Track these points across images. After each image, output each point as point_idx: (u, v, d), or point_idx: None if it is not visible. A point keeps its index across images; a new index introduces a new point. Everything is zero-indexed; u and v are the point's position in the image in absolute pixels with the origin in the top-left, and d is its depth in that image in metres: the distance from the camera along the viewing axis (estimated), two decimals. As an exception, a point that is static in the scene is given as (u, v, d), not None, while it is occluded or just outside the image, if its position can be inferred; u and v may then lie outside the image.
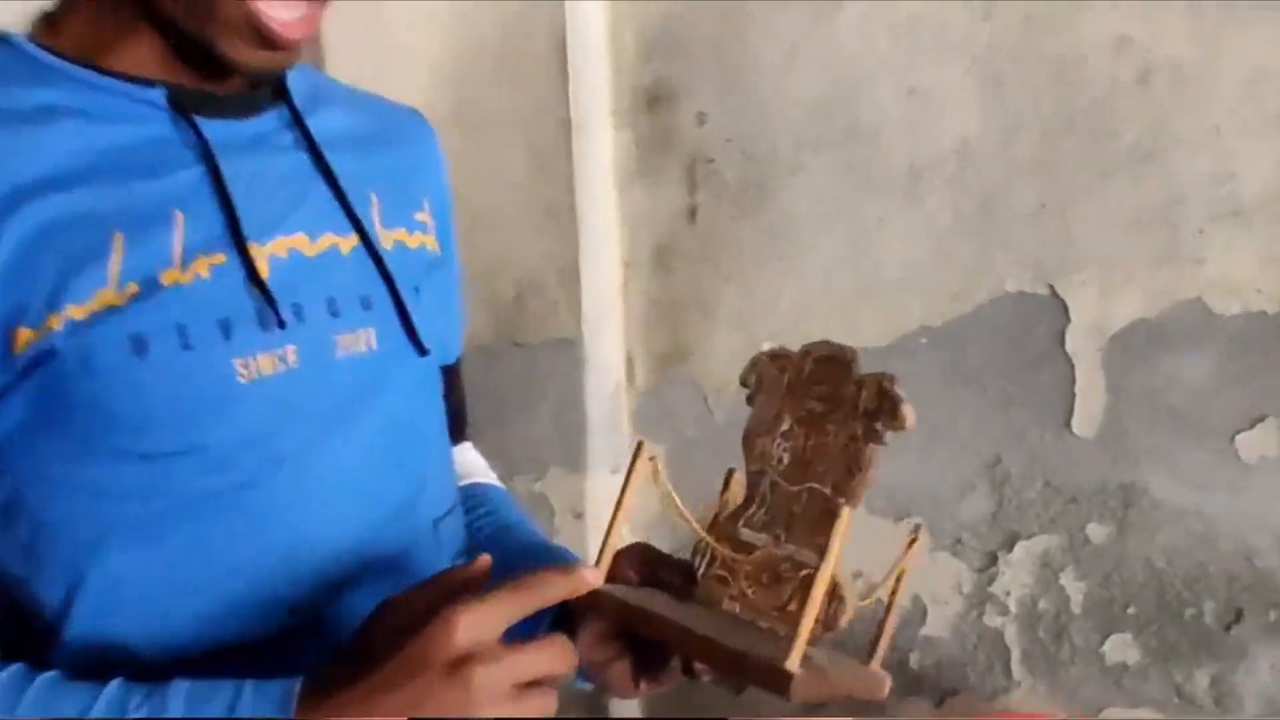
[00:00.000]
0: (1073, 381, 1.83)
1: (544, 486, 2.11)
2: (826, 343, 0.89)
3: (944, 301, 1.87)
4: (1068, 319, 1.82)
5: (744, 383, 0.92)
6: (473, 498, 1.18)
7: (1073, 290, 1.81)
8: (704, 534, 0.90)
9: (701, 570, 0.90)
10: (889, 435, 0.85)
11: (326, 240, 0.94)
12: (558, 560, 1.01)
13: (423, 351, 0.98)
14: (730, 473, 0.93)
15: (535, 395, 2.09)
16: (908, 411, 0.85)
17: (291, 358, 0.89)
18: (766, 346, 0.96)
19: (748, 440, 0.90)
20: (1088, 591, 1.87)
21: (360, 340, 0.94)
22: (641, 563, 0.94)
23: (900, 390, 0.86)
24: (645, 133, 2.04)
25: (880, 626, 0.91)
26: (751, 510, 0.89)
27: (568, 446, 2.08)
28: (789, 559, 0.86)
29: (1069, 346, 1.82)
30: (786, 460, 0.87)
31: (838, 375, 0.87)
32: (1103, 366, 1.81)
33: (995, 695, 1.93)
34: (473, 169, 1.95)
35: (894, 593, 0.90)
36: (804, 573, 0.84)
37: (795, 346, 0.92)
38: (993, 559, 1.91)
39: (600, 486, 2.10)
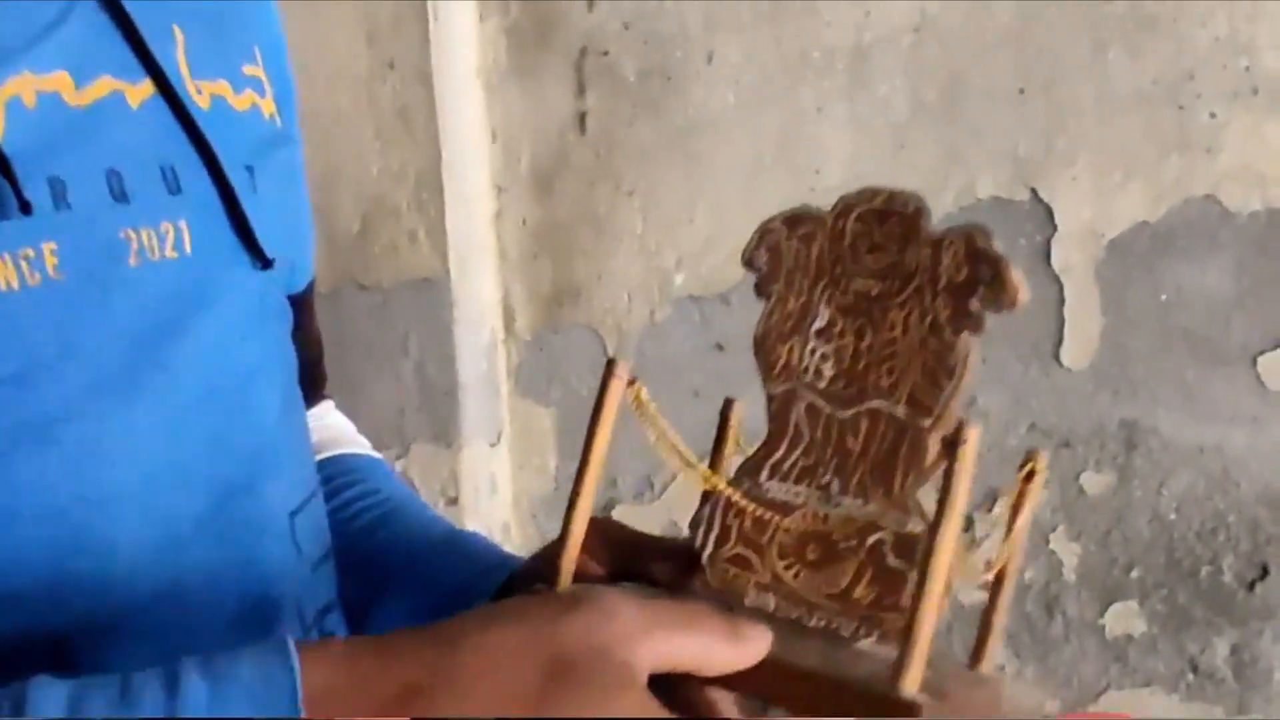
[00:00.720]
0: (1061, 303, 1.53)
1: (407, 465, 1.71)
2: (874, 190, 0.63)
3: (901, 211, 1.54)
4: (1054, 227, 1.52)
5: (749, 263, 0.67)
6: (344, 474, 0.92)
7: (1060, 192, 1.51)
8: (724, 485, 0.64)
9: (708, 551, 0.65)
10: (991, 318, 0.59)
11: (104, 85, 0.68)
12: (484, 560, 0.81)
13: (264, 261, 0.74)
14: (728, 404, 0.69)
15: (390, 352, 1.70)
16: (1017, 279, 0.59)
17: (50, 263, 0.63)
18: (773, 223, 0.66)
19: (763, 347, 0.65)
20: (1083, 554, 1.57)
21: (163, 239, 0.68)
22: (609, 546, 0.69)
23: (1000, 249, 0.59)
24: (519, 21, 1.67)
25: (990, 607, 0.65)
26: (779, 453, 0.64)
27: (435, 415, 1.70)
28: (848, 520, 0.61)
29: (1056, 261, 1.52)
30: (829, 372, 0.63)
31: (899, 237, 0.62)
32: (1097, 283, 1.52)
33: (975, 685, 1.62)
34: (302, 59, 1.53)
35: (1007, 556, 0.64)
36: (874, 538, 0.60)
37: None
38: (968, 520, 1.60)
39: (478, 463, 1.71)
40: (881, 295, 0.62)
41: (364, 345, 1.68)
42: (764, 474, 0.64)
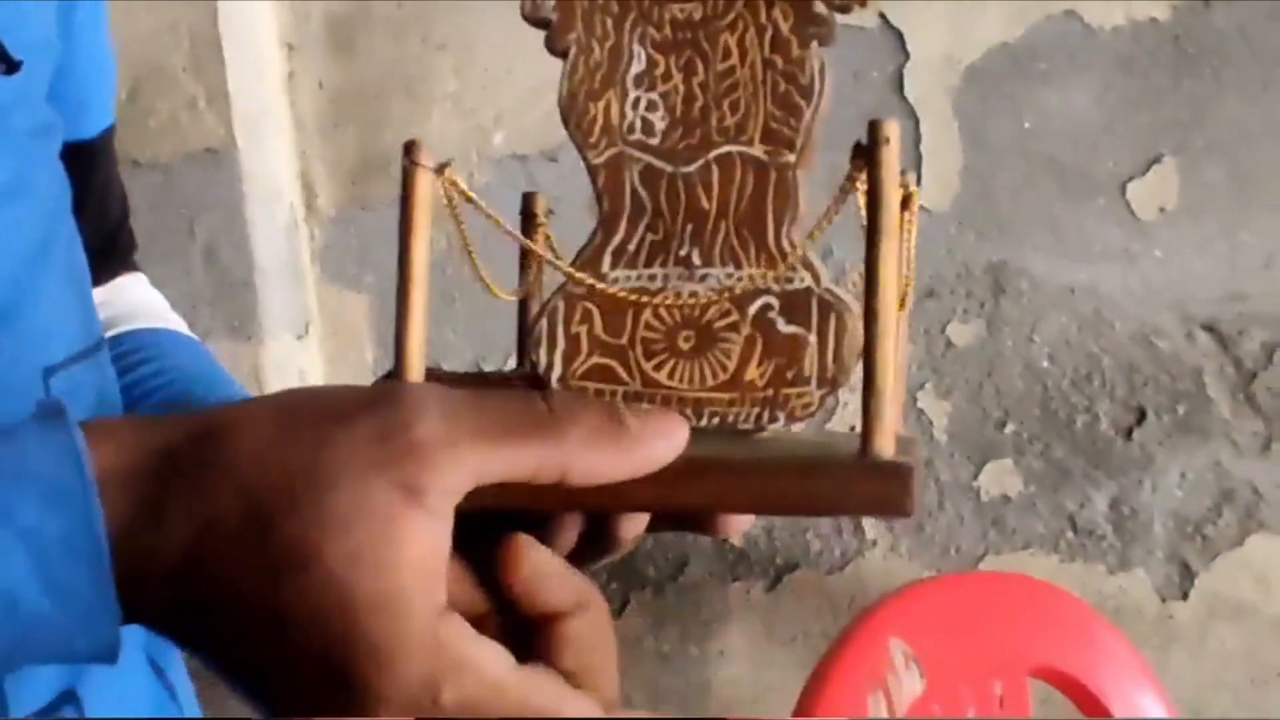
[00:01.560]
0: (917, 140, 1.41)
1: (202, 365, 1.50)
2: None
3: (741, 47, 1.39)
4: (905, 55, 1.39)
5: (532, 15, 0.56)
6: (137, 350, 0.82)
7: (910, 15, 1.38)
8: (577, 274, 0.53)
9: (557, 371, 0.54)
10: (835, 18, 0.51)
11: None
12: None
13: (8, 64, 0.64)
14: (529, 198, 0.61)
15: (174, 236, 1.49)
16: None
17: None
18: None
19: (573, 112, 0.54)
20: (953, 411, 1.46)
21: None
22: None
23: None
24: None
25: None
26: (620, 234, 0.54)
27: (230, 305, 1.50)
28: (722, 292, 0.53)
29: (910, 92, 1.40)
30: (660, 123, 0.53)
31: None
32: (955, 113, 1.40)
33: (846, 563, 1.50)
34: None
35: (906, 277, 0.54)
36: (757, 305, 0.51)
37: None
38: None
39: (284, 358, 1.52)
40: (705, 19, 0.53)
41: (143, 230, 1.47)
42: (605, 263, 0.53)
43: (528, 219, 0.60)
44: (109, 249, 0.83)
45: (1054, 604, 1.35)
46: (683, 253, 0.53)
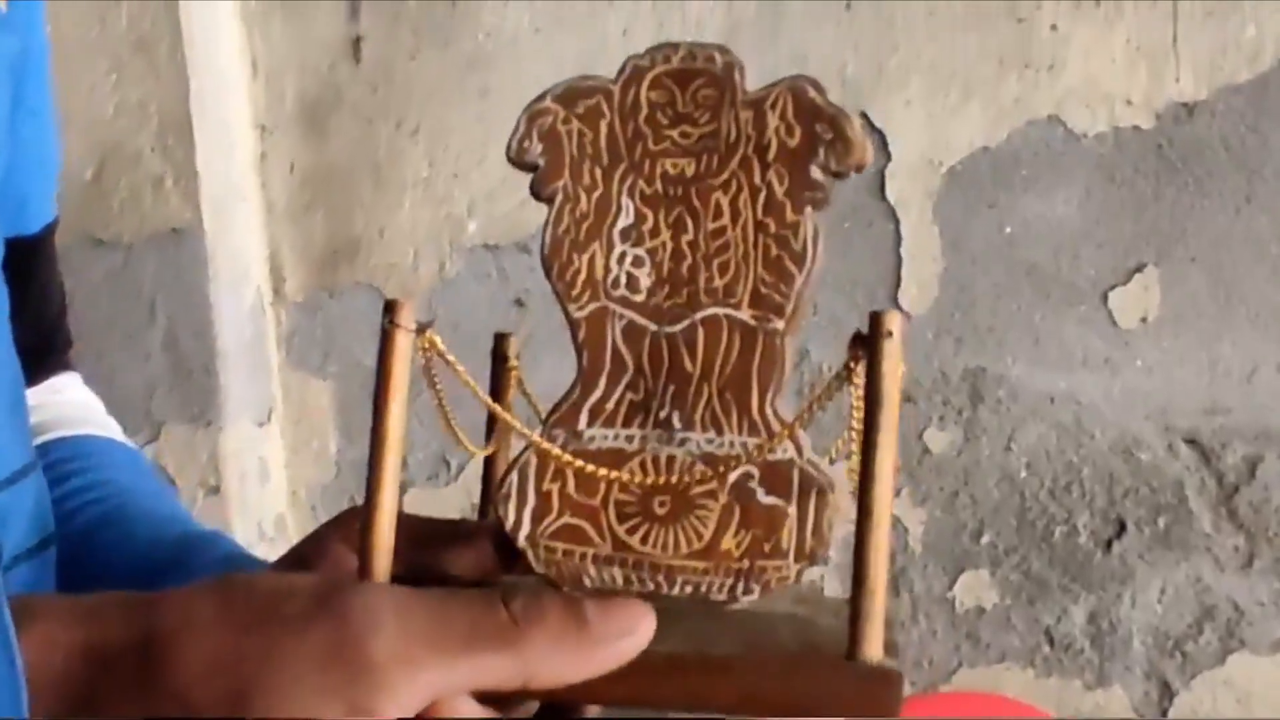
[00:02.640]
0: (898, 241, 1.39)
1: (159, 450, 1.47)
2: (669, 46, 0.53)
3: (720, 143, 1.37)
4: (888, 155, 1.37)
5: (519, 159, 0.53)
6: (69, 460, 0.78)
7: (892, 117, 1.37)
8: (542, 442, 0.51)
9: (525, 530, 0.52)
10: (833, 184, 0.51)
11: None
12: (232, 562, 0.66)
13: None
14: (499, 340, 0.59)
15: (135, 318, 1.46)
16: (860, 134, 0.51)
17: None
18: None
19: (556, 262, 0.53)
20: (929, 520, 1.43)
21: None
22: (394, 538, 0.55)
23: (833, 101, 0.51)
24: (278, -67, 1.46)
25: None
26: (598, 392, 0.53)
27: (191, 391, 1.47)
28: (701, 458, 0.51)
29: (890, 194, 1.38)
30: (646, 280, 0.53)
31: (709, 102, 0.52)
32: (936, 217, 1.38)
33: (817, 672, 1.46)
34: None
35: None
36: (737, 474, 0.49)
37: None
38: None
39: (244, 445, 1.48)
40: (698, 175, 0.52)
41: (102, 311, 1.44)
42: (583, 421, 0.52)
43: (498, 361, 0.58)
44: (45, 348, 0.79)
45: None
46: (663, 414, 0.51)
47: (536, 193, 0.52)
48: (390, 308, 0.50)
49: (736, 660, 0.47)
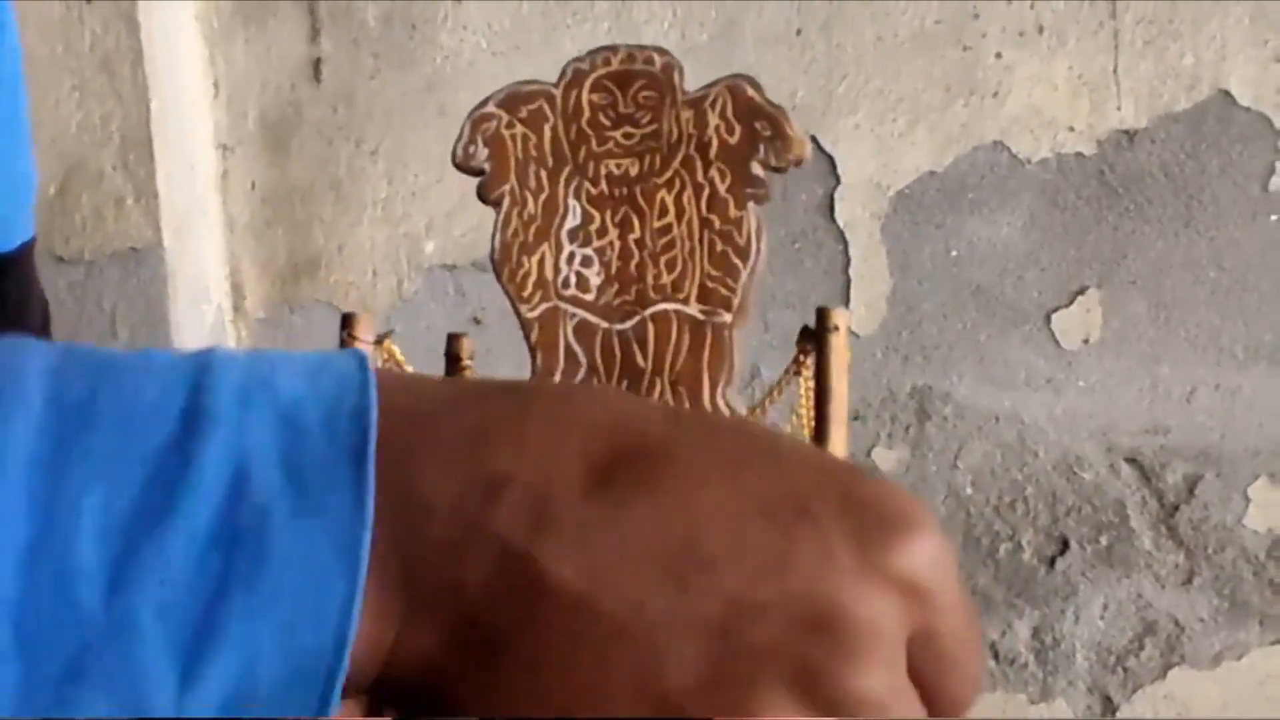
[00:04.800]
0: (846, 262, 1.41)
1: (118, 465, 1.47)
2: (608, 49, 0.55)
3: (674, 166, 1.40)
4: (836, 179, 1.40)
5: (463, 163, 0.57)
6: None
7: (842, 140, 1.39)
8: None
9: None
10: (773, 179, 0.54)
11: None
12: None
13: None
14: (452, 340, 0.62)
15: (97, 334, 1.47)
16: (799, 131, 0.54)
17: None
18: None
19: (506, 264, 0.55)
20: (877, 535, 1.45)
21: None
22: None
23: (771, 97, 0.54)
24: (241, -44, 1.48)
25: None
26: None
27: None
28: None
29: (840, 216, 1.40)
30: (595, 279, 0.54)
31: (650, 103, 0.54)
32: (884, 239, 1.40)
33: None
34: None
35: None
36: None
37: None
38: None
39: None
40: (642, 175, 0.54)
41: (64, 327, 1.45)
42: None
43: (452, 362, 0.60)
44: None
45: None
46: None
47: (483, 197, 0.55)
48: (348, 321, 0.52)
49: None
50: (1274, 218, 1.36)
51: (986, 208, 1.39)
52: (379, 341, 0.53)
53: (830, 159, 1.40)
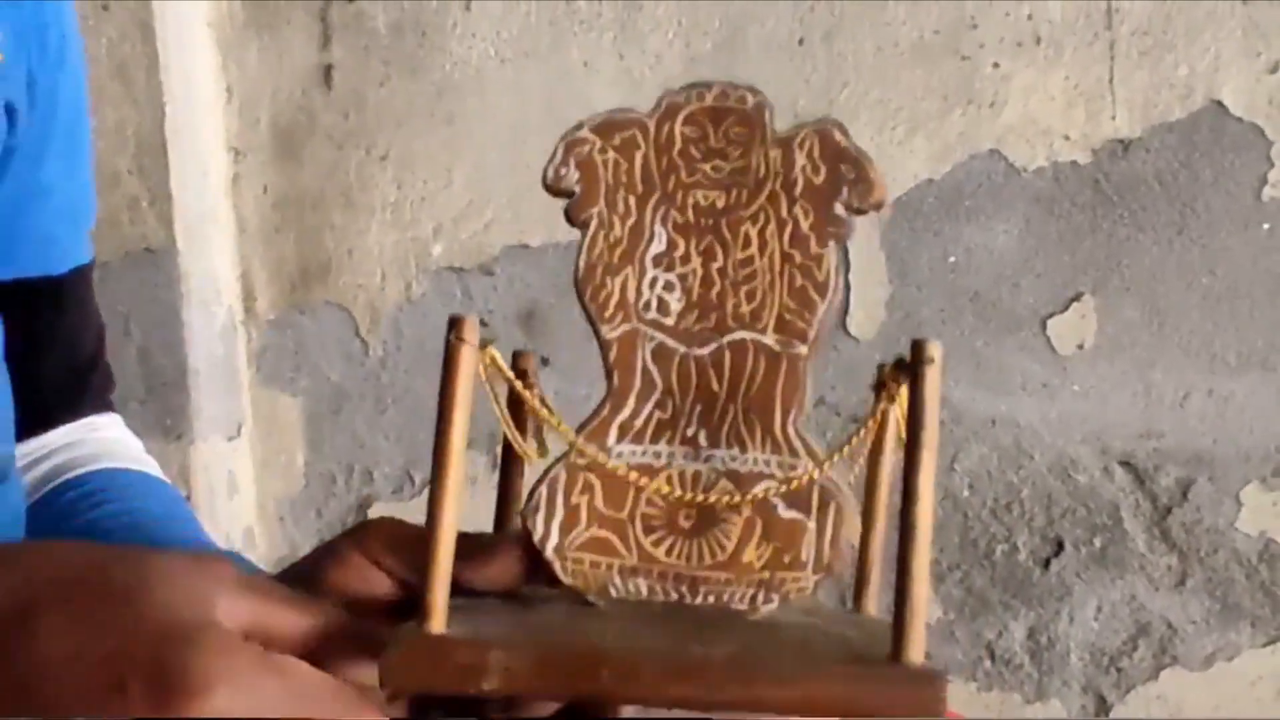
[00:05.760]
0: (847, 268, 1.43)
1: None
2: (702, 85, 0.55)
3: (677, 172, 1.42)
4: (836, 186, 1.42)
5: (555, 185, 0.55)
6: (114, 488, 0.79)
7: (842, 148, 1.41)
8: (583, 450, 0.53)
9: (554, 541, 0.53)
10: (855, 221, 0.53)
11: None
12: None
13: None
14: (518, 356, 0.57)
15: (111, 334, 1.48)
16: (878, 175, 0.54)
17: None
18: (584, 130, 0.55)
19: (589, 286, 0.55)
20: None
21: None
22: (399, 556, 0.55)
23: (857, 142, 0.54)
24: (254, -35, 1.51)
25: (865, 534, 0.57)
26: (627, 410, 0.55)
27: (163, 406, 1.51)
28: (726, 474, 0.53)
29: (839, 222, 1.42)
30: (676, 304, 0.55)
31: (740, 138, 0.54)
32: (883, 245, 1.43)
33: (766, 684, 1.50)
34: None
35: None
36: (758, 489, 0.52)
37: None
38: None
39: (214, 459, 1.52)
40: (728, 207, 0.54)
41: (78, 327, 1.48)
42: (612, 437, 0.54)
43: (519, 377, 0.58)
44: (79, 386, 0.81)
45: (967, 734, 1.36)
46: (689, 432, 0.54)
47: (571, 218, 0.55)
48: (455, 323, 0.51)
49: (794, 666, 0.48)
50: (1266, 226, 1.38)
51: (983, 215, 1.41)
52: (484, 346, 0.52)
53: (830, 166, 1.42)
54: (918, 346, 0.50)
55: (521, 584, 0.55)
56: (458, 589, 0.51)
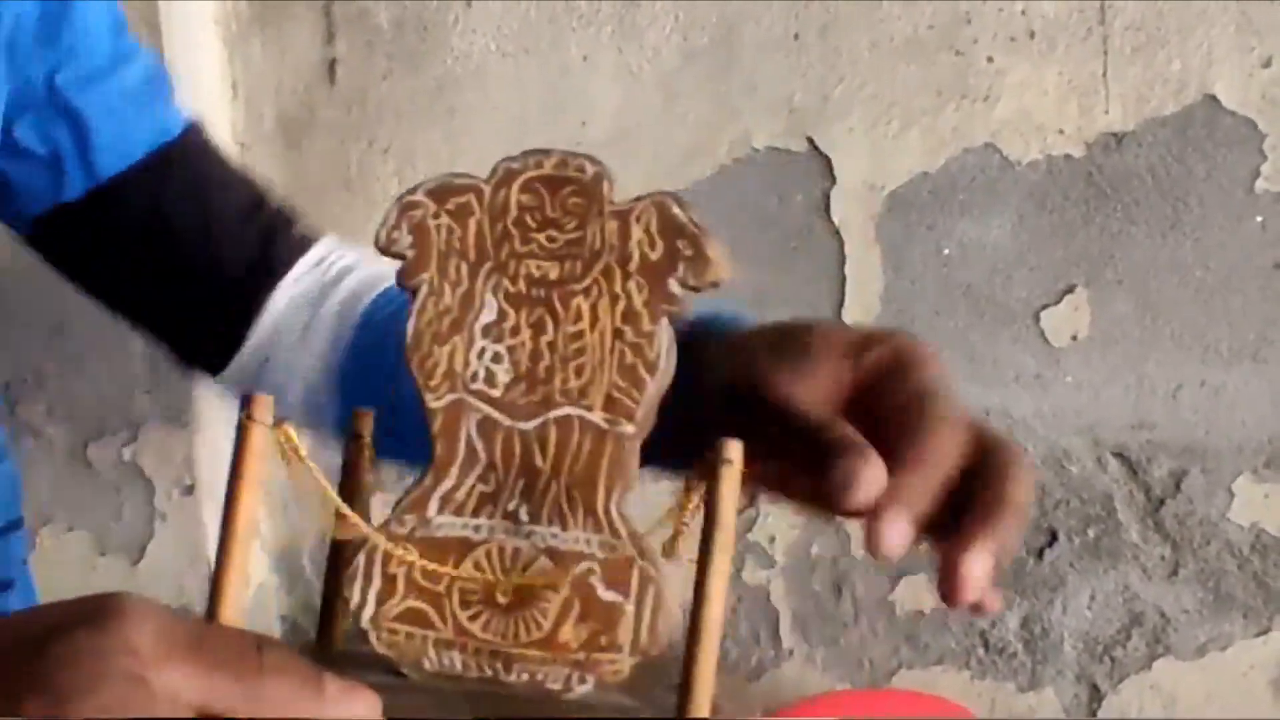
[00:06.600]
0: (842, 261, 1.45)
1: (136, 452, 1.54)
2: (540, 152, 0.55)
3: (672, 164, 1.44)
4: (832, 179, 1.44)
5: (386, 248, 0.55)
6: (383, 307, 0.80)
7: (837, 142, 1.43)
8: (376, 535, 0.53)
9: (370, 611, 0.53)
10: (690, 297, 0.53)
11: None
12: None
13: None
14: (357, 418, 0.59)
15: (113, 322, 1.52)
16: (718, 253, 0.53)
17: None
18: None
19: (417, 352, 0.54)
20: (870, 526, 1.49)
21: None
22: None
23: (696, 216, 0.53)
24: (259, -39, 1.53)
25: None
26: (449, 481, 0.54)
27: (167, 394, 1.53)
28: (544, 551, 0.53)
29: (836, 215, 1.44)
30: (504, 377, 0.54)
31: (577, 209, 0.54)
32: (879, 238, 1.44)
33: (762, 671, 1.52)
34: None
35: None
36: (579, 569, 0.52)
37: None
38: (751, 497, 1.50)
39: (217, 447, 1.55)
40: (561, 280, 0.53)
41: (86, 318, 1.50)
42: (432, 508, 0.53)
43: (354, 441, 0.58)
44: (269, 226, 0.85)
45: (958, 721, 1.37)
46: (511, 507, 0.53)
47: (401, 283, 0.54)
48: (246, 402, 0.50)
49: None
50: (1259, 219, 1.39)
51: (977, 208, 1.42)
52: (278, 424, 0.51)
53: (826, 160, 1.44)
54: (718, 446, 0.49)
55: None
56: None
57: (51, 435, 1.55)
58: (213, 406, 1.53)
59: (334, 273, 0.85)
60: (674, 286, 0.52)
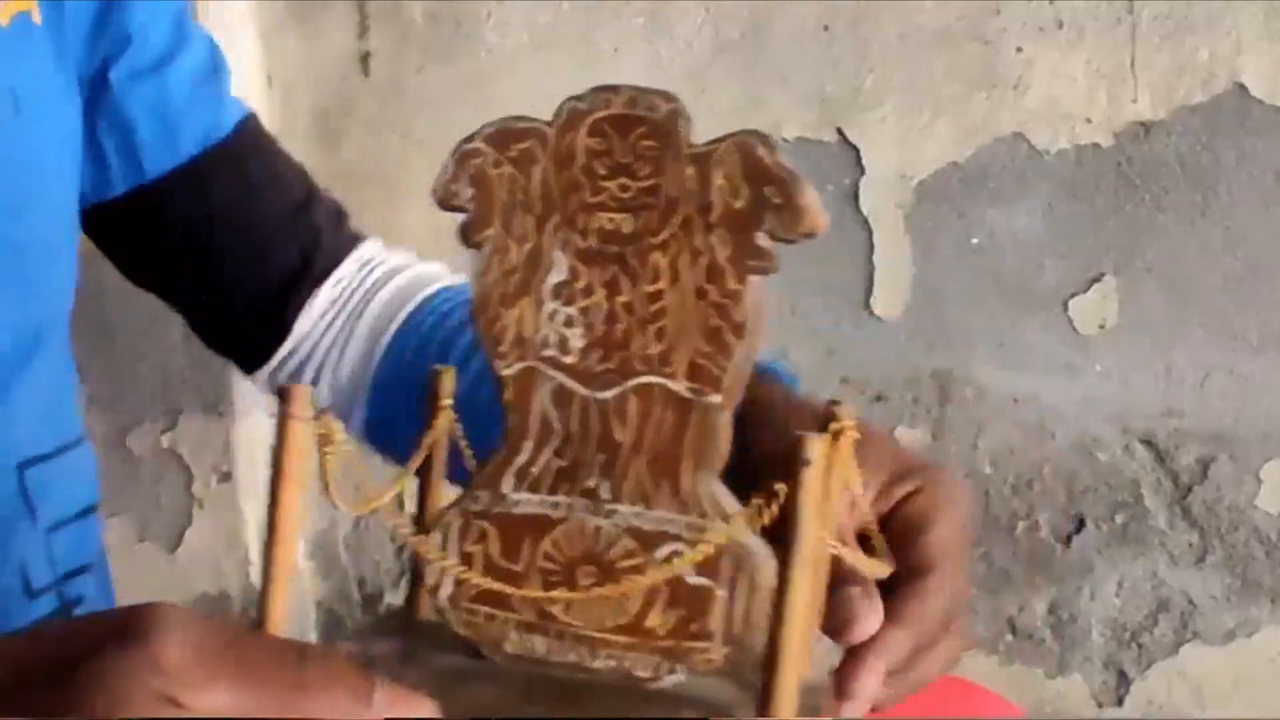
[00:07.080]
0: (871, 250, 1.46)
1: (174, 439, 1.56)
2: (609, 89, 0.48)
3: (705, 156, 1.45)
4: (861, 170, 1.45)
5: (446, 201, 0.49)
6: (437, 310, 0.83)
7: (867, 132, 1.45)
8: (408, 533, 0.50)
9: (447, 591, 0.49)
10: (779, 250, 0.46)
11: None
12: None
13: None
14: (434, 376, 0.53)
15: (155, 313, 1.53)
16: (812, 199, 0.45)
17: None
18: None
19: (483, 315, 0.48)
20: (899, 513, 1.50)
21: None
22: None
23: (784, 160, 0.45)
24: (295, -45, 1.55)
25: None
26: (524, 454, 0.49)
27: (205, 381, 1.55)
28: (627, 531, 0.47)
29: (864, 205, 1.46)
30: (578, 342, 0.48)
31: (651, 153, 0.47)
32: (907, 228, 1.46)
33: (792, 657, 1.53)
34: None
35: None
36: (664, 551, 0.46)
37: None
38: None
39: (254, 435, 1.57)
40: (636, 233, 0.48)
41: (123, 305, 1.53)
42: (508, 483, 0.49)
43: (432, 399, 0.53)
44: (322, 220, 0.87)
45: (987, 709, 1.38)
46: (590, 484, 0.48)
47: (464, 238, 0.49)
48: (284, 394, 0.45)
49: None
50: (1287, 208, 1.40)
51: (1006, 197, 1.43)
52: (317, 417, 0.46)
53: (856, 151, 1.45)
54: (798, 445, 0.43)
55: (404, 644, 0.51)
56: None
57: (91, 424, 1.57)
58: (250, 395, 1.56)
59: (377, 276, 0.86)
60: (761, 240, 0.46)
